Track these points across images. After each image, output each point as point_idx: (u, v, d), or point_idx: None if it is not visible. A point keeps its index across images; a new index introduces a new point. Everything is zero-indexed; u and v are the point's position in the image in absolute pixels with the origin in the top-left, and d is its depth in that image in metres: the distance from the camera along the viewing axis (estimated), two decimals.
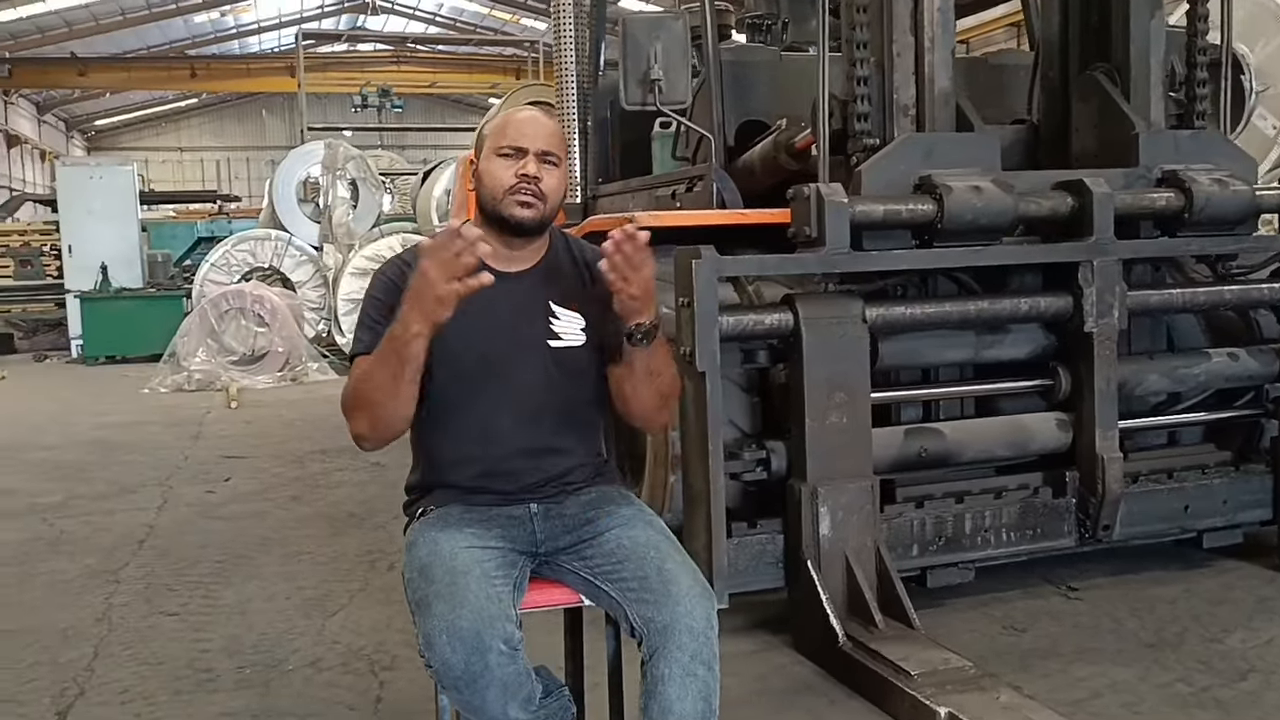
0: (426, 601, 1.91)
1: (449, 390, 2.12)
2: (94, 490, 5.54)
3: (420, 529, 2.10)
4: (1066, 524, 3.54)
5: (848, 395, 3.17)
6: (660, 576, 2.01)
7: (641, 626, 1.99)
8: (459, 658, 1.84)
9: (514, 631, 1.90)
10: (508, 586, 1.98)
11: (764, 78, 4.38)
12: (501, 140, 2.12)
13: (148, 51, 28.21)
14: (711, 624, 1.99)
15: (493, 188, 2.11)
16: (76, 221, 12.15)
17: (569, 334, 2.18)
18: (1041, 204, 3.43)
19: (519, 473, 2.13)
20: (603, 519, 2.12)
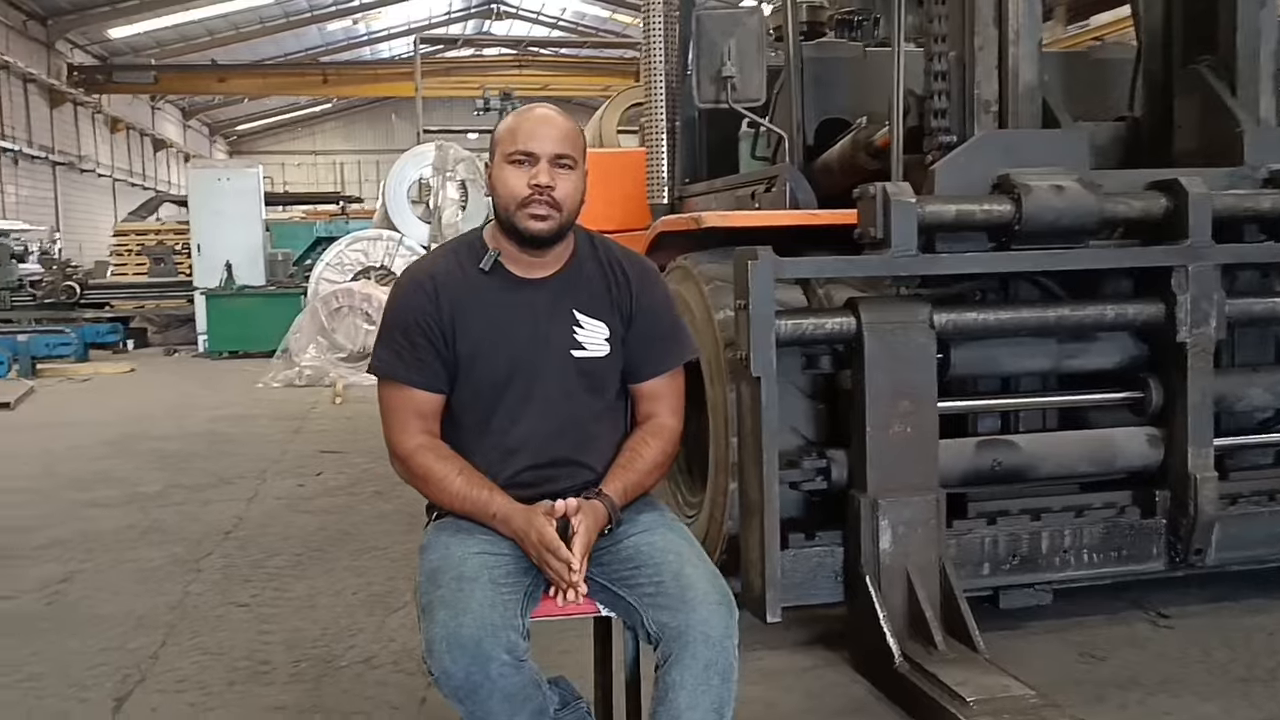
0: (431, 607, 1.88)
1: (472, 399, 2.09)
2: (193, 481, 5.72)
3: (434, 532, 2.07)
4: (1155, 546, 3.32)
5: (912, 404, 3.03)
6: (678, 582, 1.94)
7: (657, 632, 1.93)
8: (459, 667, 1.81)
9: (518, 641, 1.86)
10: (517, 595, 1.93)
11: (846, 74, 4.25)
12: (512, 145, 2.04)
13: (284, 58, 29.34)
14: (729, 633, 1.91)
15: (505, 198, 2.05)
16: (205, 221, 12.66)
17: (593, 344, 2.12)
18: (1132, 205, 3.22)
19: (540, 483, 2.08)
20: (622, 526, 2.06)
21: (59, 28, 22.61)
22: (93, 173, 25.25)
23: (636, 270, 2.19)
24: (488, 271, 2.09)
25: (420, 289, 2.08)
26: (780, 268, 2.95)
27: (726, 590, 1.96)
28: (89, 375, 10.57)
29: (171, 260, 13.85)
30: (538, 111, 2.11)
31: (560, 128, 2.08)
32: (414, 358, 2.05)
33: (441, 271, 2.10)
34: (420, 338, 2.05)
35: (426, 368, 2.06)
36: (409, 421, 2.07)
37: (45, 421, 7.98)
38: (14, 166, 20.75)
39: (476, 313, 2.07)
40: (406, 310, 2.08)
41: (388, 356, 2.07)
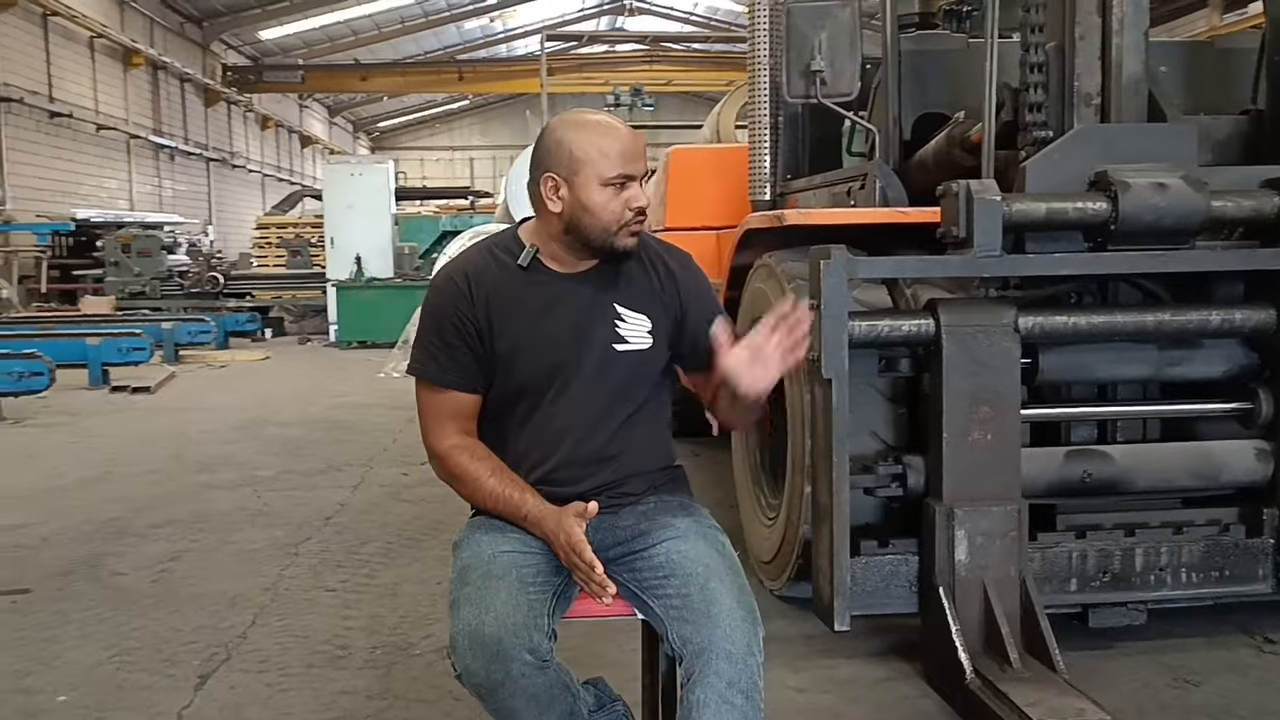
0: (457, 604, 1.89)
1: (512, 396, 2.09)
2: (306, 466, 5.93)
3: (469, 529, 2.09)
4: (1261, 568, 3.12)
5: (993, 410, 2.91)
6: (703, 595, 1.90)
7: (680, 647, 1.90)
8: (480, 664, 1.82)
9: (542, 642, 1.85)
10: (545, 595, 1.93)
11: (946, 67, 4.10)
12: (608, 170, 1.97)
13: (422, 56, 30.17)
14: (752, 650, 1.87)
15: (606, 222, 1.99)
16: (338, 215, 13.11)
17: (635, 337, 2.09)
18: (1241, 204, 3.02)
19: (575, 480, 2.07)
20: (656, 530, 2.04)
21: (214, 30, 23.77)
22: (243, 168, 26.49)
23: (677, 261, 2.17)
24: (525, 268, 2.08)
25: (456, 288, 2.08)
26: (854, 267, 2.87)
27: (753, 606, 1.91)
28: (226, 362, 11.09)
29: (307, 252, 14.40)
30: (619, 130, 2.03)
31: (641, 145, 2.05)
32: (449, 358, 2.06)
33: (477, 269, 2.10)
34: (455, 338, 2.06)
35: (462, 368, 2.07)
36: (445, 422, 2.08)
37: (182, 405, 8.39)
38: (171, 162, 21.93)
39: (514, 310, 2.07)
40: (442, 310, 2.08)
41: (423, 357, 2.09)
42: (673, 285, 2.12)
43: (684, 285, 2.13)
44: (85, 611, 3.63)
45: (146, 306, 13.25)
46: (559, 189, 2.01)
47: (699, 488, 5.06)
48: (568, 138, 2.01)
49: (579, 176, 1.99)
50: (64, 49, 17.50)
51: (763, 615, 3.43)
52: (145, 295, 13.60)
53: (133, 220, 16.17)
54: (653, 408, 2.14)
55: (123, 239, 13.92)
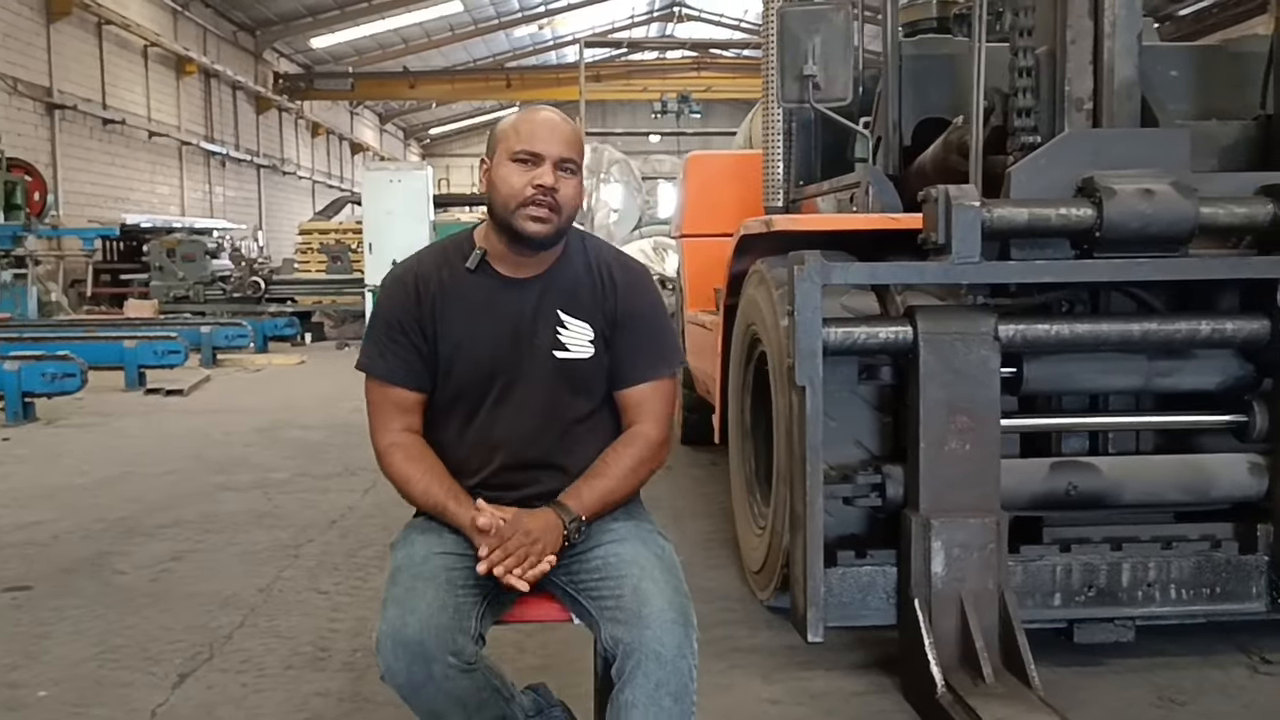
0: (385, 604, 1.90)
1: (454, 397, 2.10)
2: (321, 470, 5.99)
3: (407, 530, 2.10)
4: (1255, 585, 3.03)
5: (971, 420, 2.86)
6: (635, 596, 1.89)
7: (611, 648, 1.88)
8: (402, 665, 1.82)
9: (466, 645, 1.85)
10: (475, 597, 1.92)
11: (948, 72, 4.04)
12: (516, 144, 2.01)
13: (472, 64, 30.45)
14: (684, 653, 1.85)
15: (506, 196, 2.02)
16: (377, 221, 13.24)
17: (577, 345, 2.08)
18: (1234, 211, 2.94)
19: (517, 486, 2.07)
20: (595, 534, 2.03)
21: (266, 38, 24.20)
22: (294, 175, 26.91)
23: (625, 275, 2.14)
24: (473, 270, 2.09)
25: (403, 287, 2.10)
26: (828, 273, 2.84)
27: (686, 608, 1.89)
28: (262, 366, 11.26)
29: (347, 258, 14.57)
30: (542, 113, 2.09)
31: (565, 131, 2.06)
32: (395, 355, 2.08)
33: (425, 270, 2.12)
34: (401, 335, 2.08)
35: (408, 366, 2.08)
36: (390, 419, 2.10)
37: (211, 408, 8.53)
38: (222, 169, 22.35)
39: (458, 311, 2.08)
40: (389, 308, 2.11)
41: (372, 353, 2.11)
42: (612, 297, 2.10)
43: (622, 302, 2.11)
44: (81, 609, 3.69)
45: (189, 310, 13.50)
46: (486, 171, 2.08)
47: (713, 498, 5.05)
48: (498, 124, 2.10)
49: (495, 154, 2.05)
50: (118, 57, 17.92)
51: (750, 626, 3.46)
52: (189, 299, 13.86)
53: (181, 226, 16.48)
54: (599, 416, 2.13)
55: (167, 244, 14.20)
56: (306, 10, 23.76)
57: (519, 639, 3.24)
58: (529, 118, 2.07)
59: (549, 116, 2.08)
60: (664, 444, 2.11)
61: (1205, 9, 20.39)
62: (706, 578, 3.95)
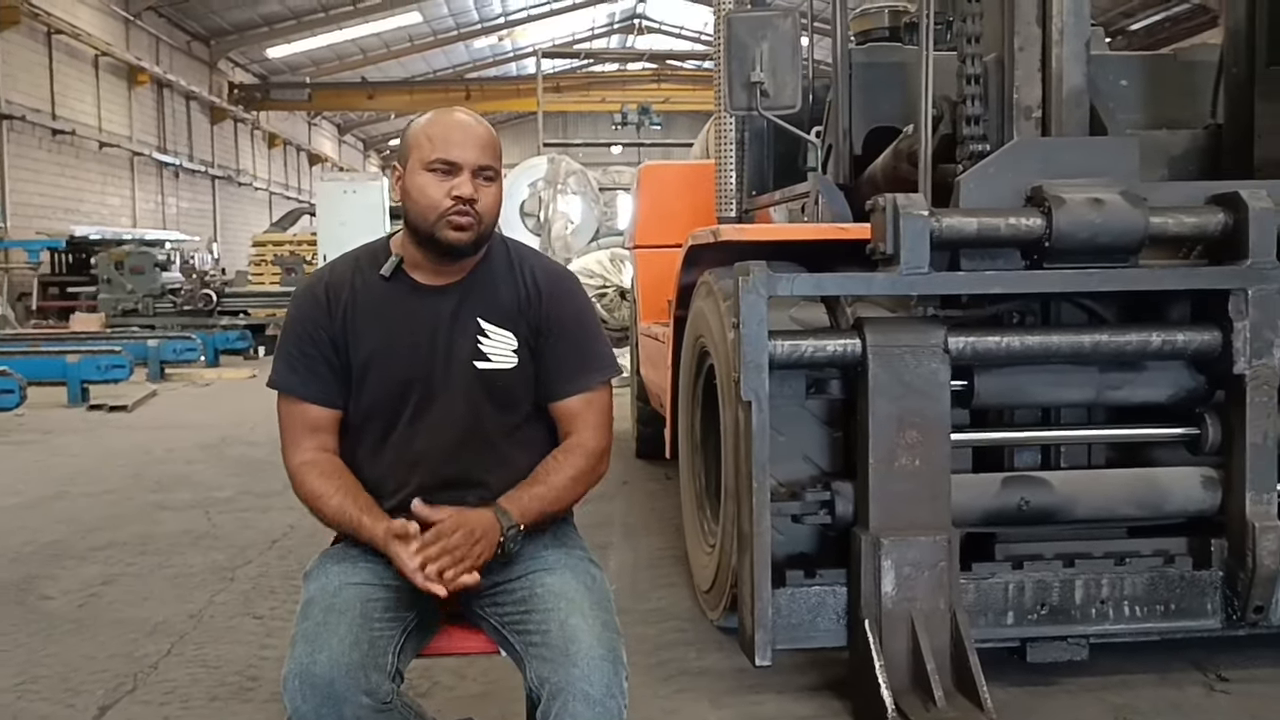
0: (294, 640, 1.78)
1: (369, 411, 1.99)
2: (264, 488, 5.82)
3: (321, 559, 1.98)
4: (1210, 602, 2.96)
5: (921, 435, 2.78)
6: (562, 632, 1.78)
7: (537, 688, 1.77)
8: (309, 706, 1.70)
9: (382, 683, 1.73)
10: (393, 631, 1.81)
11: (898, 81, 3.99)
12: (431, 152, 1.91)
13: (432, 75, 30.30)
14: (613, 693, 1.74)
15: (424, 208, 1.92)
16: (331, 232, 13.10)
17: (499, 355, 1.98)
18: (1184, 221, 2.89)
19: (440, 503, 1.96)
20: (523, 562, 1.92)
21: (221, 48, 23.92)
22: (249, 186, 26.58)
23: (550, 280, 2.04)
24: (388, 278, 1.99)
25: (313, 298, 2.00)
26: (774, 285, 2.75)
27: (615, 645, 1.79)
28: (211, 380, 11.02)
29: (302, 270, 14.36)
30: (456, 116, 1.99)
31: (482, 136, 1.96)
32: (307, 370, 1.98)
33: (336, 279, 2.02)
34: (312, 349, 1.97)
35: (320, 381, 1.97)
36: (302, 437, 1.99)
37: (156, 424, 8.32)
38: (175, 180, 22.02)
39: (371, 320, 1.97)
40: (299, 321, 2.00)
41: (283, 369, 2.00)
42: (537, 304, 2.00)
43: (548, 309, 2.01)
44: (2, 637, 3.52)
45: (138, 324, 13.22)
46: (399, 178, 1.98)
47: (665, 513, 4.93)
48: (410, 128, 1.99)
49: (408, 162, 1.94)
50: (68, 67, 17.60)
51: (699, 648, 3.36)
52: (138, 312, 13.58)
53: (131, 237, 16.18)
54: (529, 430, 2.02)
55: (115, 256, 13.91)
56: (262, 20, 23.53)
57: (459, 666, 3.12)
58: (442, 122, 1.97)
59: (463, 120, 1.97)
60: (604, 454, 2.02)
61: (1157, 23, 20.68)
62: (657, 597, 3.85)
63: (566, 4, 28.27)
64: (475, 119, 1.98)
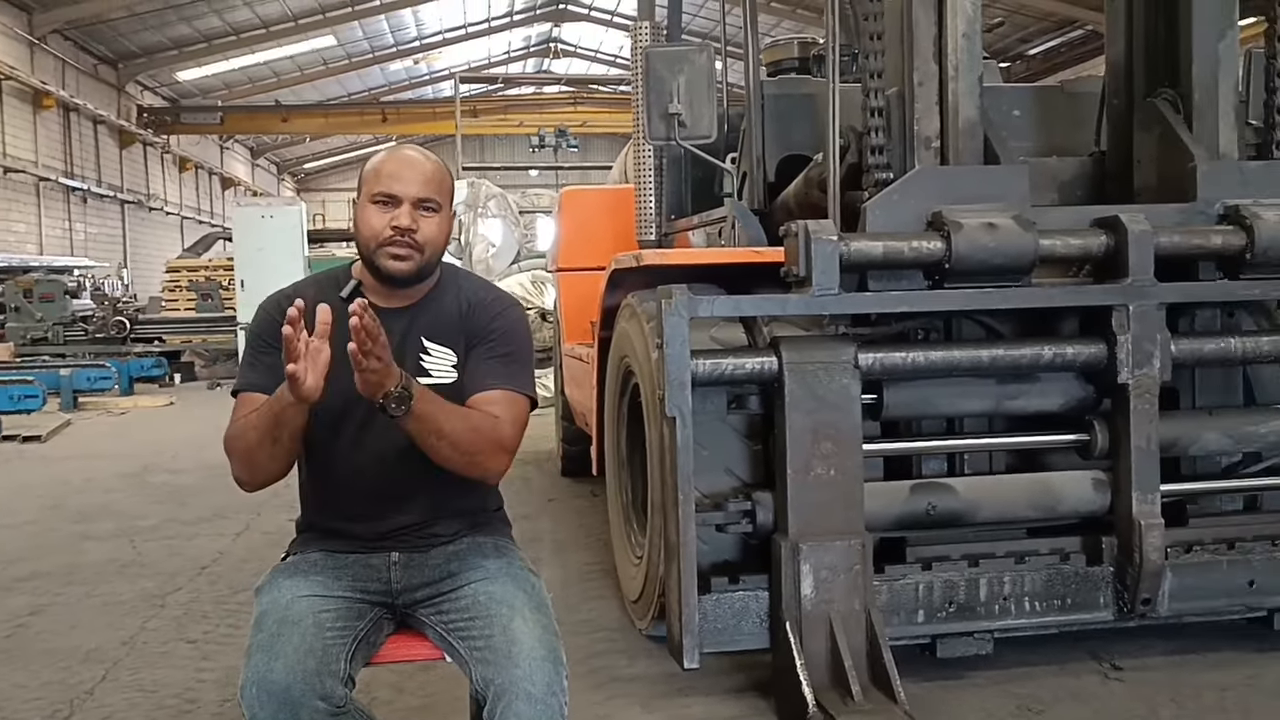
0: (250, 651, 1.87)
1: (316, 430, 2.08)
2: (189, 515, 5.81)
3: (273, 574, 2.08)
4: (1102, 595, 3.19)
5: (835, 445, 2.97)
6: (505, 636, 1.91)
7: (483, 688, 1.89)
8: (267, 712, 1.79)
9: (336, 688, 1.84)
10: (344, 639, 1.92)
11: (808, 111, 4.20)
12: (376, 186, 2.06)
13: (346, 98, 30.08)
14: (554, 690, 1.87)
15: (367, 237, 2.06)
16: (249, 257, 12.94)
17: (439, 370, 2.11)
18: (1070, 243, 3.13)
19: (380, 516, 2.08)
20: (465, 572, 2.04)
21: (129, 71, 23.47)
22: (160, 210, 26.05)
23: (491, 300, 2.19)
24: (347, 298, 2.10)
25: (280, 309, 2.09)
26: (695, 306, 2.92)
27: (555, 647, 1.92)
28: (127, 409, 10.83)
29: (218, 296, 14.18)
30: (403, 153, 2.14)
31: (424, 171, 2.09)
32: (265, 368, 2.08)
33: (300, 295, 2.11)
34: (274, 349, 2.05)
35: (273, 375, 2.03)
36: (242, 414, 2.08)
37: (72, 454, 8.18)
38: (83, 205, 21.50)
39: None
40: (265, 327, 2.11)
41: (245, 372, 2.11)
42: (473, 319, 2.14)
43: (486, 323, 2.14)
44: None
45: (49, 353, 12.92)
46: (355, 210, 2.12)
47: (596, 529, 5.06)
48: (366, 164, 2.14)
49: (360, 195, 2.09)
50: None
51: (629, 655, 3.49)
52: (48, 341, 13.27)
53: (39, 265, 15.80)
54: None
55: (23, 284, 13.59)
56: (171, 43, 23.15)
57: (397, 680, 3.21)
58: (391, 158, 2.11)
59: (409, 156, 2.11)
60: (507, 448, 2.06)
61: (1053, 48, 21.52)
62: (587, 609, 3.97)
63: (482, 28, 28.33)
64: (423, 155, 2.12)
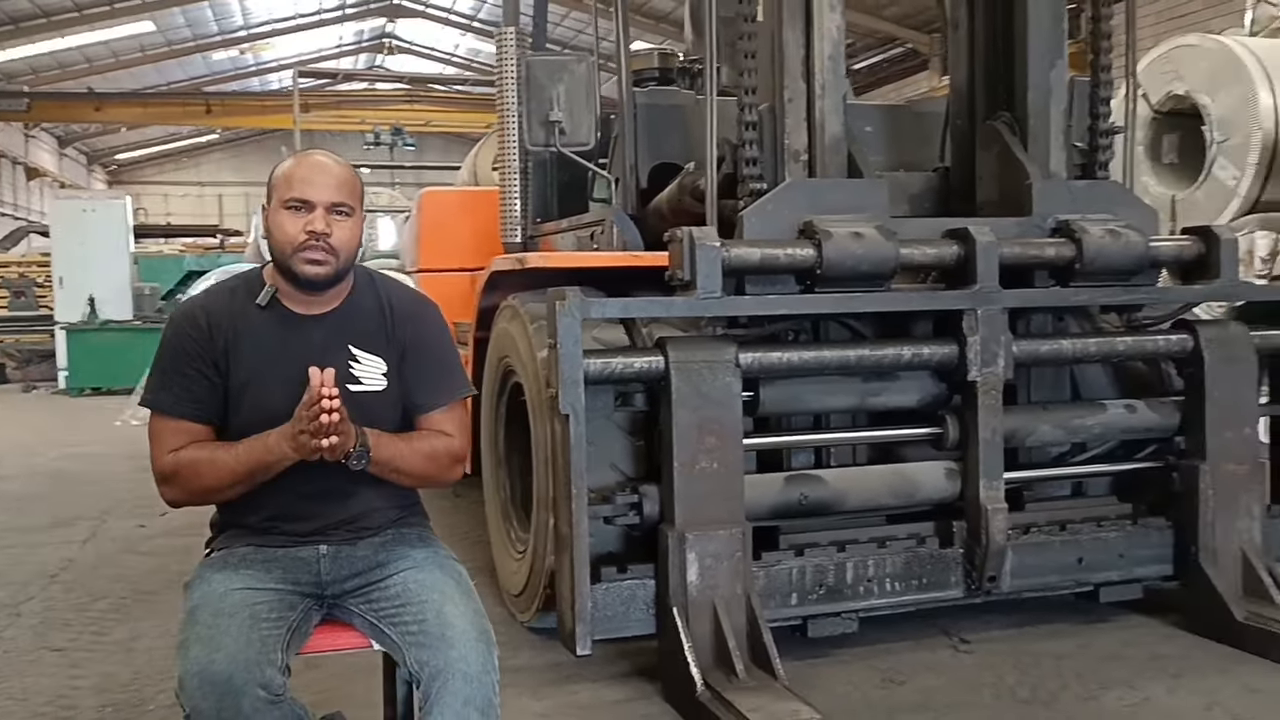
0: (186, 644, 1.90)
1: (244, 431, 2.11)
2: (30, 523, 5.56)
3: (202, 570, 2.10)
4: (954, 575, 3.49)
5: (718, 440, 3.15)
6: (439, 620, 1.99)
7: (418, 671, 1.98)
8: (210, 702, 1.83)
9: (274, 677, 1.88)
10: (279, 630, 1.96)
11: (678, 121, 4.40)
12: (288, 192, 2.10)
13: (166, 87, 28.72)
14: (488, 669, 1.97)
15: (282, 243, 2.11)
16: (69, 254, 12.31)
17: (370, 378, 2.17)
18: (926, 251, 3.41)
19: (310, 515, 2.13)
20: (393, 562, 2.12)
21: None
22: None
23: (411, 307, 2.26)
24: (264, 306, 2.14)
25: (193, 321, 2.12)
26: (587, 308, 3.05)
27: (487, 628, 2.02)
28: None
29: (32, 293, 13.40)
30: (314, 159, 2.18)
31: (337, 176, 2.14)
32: (184, 388, 2.09)
33: (215, 306, 2.15)
34: (191, 368, 2.09)
35: (196, 399, 2.09)
36: (171, 441, 2.10)
37: None
38: None
39: (250, 345, 2.12)
40: (179, 342, 2.12)
41: (157, 388, 2.11)
42: (400, 330, 2.21)
43: (411, 333, 2.22)
44: None
45: None
46: (265, 216, 2.15)
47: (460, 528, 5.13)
48: (275, 170, 2.17)
49: (271, 201, 2.13)
50: None
51: (512, 647, 3.58)
52: None
53: None
54: None
55: None
56: None
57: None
58: (301, 164, 2.16)
59: (320, 162, 2.17)
60: (460, 459, 2.23)
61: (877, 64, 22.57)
62: None
63: (313, 19, 27.57)
64: (335, 160, 2.18)
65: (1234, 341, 3.62)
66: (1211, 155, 7.07)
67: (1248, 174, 6.84)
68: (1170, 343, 3.63)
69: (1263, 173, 6.81)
